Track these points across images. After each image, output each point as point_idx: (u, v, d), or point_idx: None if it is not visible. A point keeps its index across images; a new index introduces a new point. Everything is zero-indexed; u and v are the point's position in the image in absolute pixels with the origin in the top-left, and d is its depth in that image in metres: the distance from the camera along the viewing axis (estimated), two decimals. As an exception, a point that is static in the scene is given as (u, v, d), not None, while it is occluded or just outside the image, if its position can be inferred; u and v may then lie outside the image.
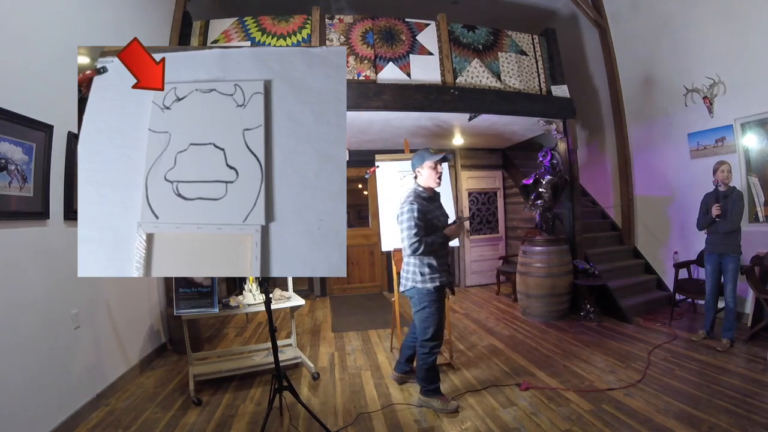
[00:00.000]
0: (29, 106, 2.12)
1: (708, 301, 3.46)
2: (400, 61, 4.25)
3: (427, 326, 2.47)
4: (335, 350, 3.71)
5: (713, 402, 2.40)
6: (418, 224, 2.33)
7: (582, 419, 2.31)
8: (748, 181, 3.83)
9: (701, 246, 3.56)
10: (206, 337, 4.09)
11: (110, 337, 2.87)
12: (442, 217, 2.55)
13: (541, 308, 4.38)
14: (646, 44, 4.81)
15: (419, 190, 2.49)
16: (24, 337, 2.06)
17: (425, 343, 2.50)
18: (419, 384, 2.59)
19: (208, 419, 2.46)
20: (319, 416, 2.31)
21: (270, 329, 2.23)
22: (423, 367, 2.54)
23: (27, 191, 2.14)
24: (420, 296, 2.45)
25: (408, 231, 2.34)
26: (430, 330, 2.46)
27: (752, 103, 3.74)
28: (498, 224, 6.76)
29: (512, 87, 4.54)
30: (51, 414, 2.20)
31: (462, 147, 6.40)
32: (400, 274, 2.60)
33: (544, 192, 4.56)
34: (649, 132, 4.93)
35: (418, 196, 2.44)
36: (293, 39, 4.18)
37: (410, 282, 2.48)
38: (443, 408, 2.48)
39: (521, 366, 3.16)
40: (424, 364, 2.53)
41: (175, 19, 4.08)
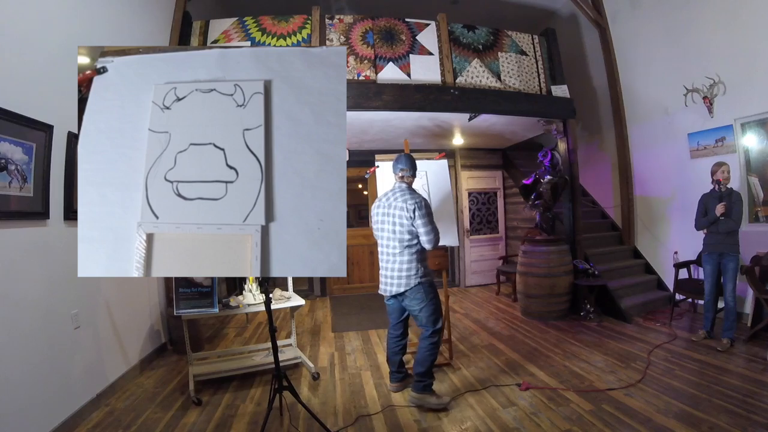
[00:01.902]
0: (29, 106, 2.12)
1: (708, 301, 3.46)
2: (400, 61, 4.25)
3: (436, 317, 2.55)
4: (335, 350, 3.71)
5: (713, 402, 2.40)
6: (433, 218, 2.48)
7: (582, 419, 2.31)
8: (748, 181, 3.83)
9: (701, 246, 3.56)
10: (206, 337, 4.09)
11: (110, 337, 2.87)
12: None
13: (541, 308, 4.38)
14: (646, 44, 4.81)
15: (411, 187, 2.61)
16: (24, 337, 2.06)
17: (435, 333, 2.55)
18: (419, 379, 2.56)
19: (208, 419, 2.46)
20: (319, 416, 2.31)
21: (270, 329, 2.23)
22: (430, 359, 2.55)
23: (27, 191, 2.14)
24: (426, 290, 2.51)
25: (431, 225, 2.44)
26: (439, 320, 2.57)
27: (752, 103, 3.74)
28: (498, 224, 6.76)
29: (512, 87, 4.54)
30: (51, 414, 2.20)
31: (462, 147, 6.40)
32: (388, 276, 2.55)
33: (544, 192, 4.56)
34: (649, 132, 4.93)
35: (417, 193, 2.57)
36: (293, 39, 4.18)
37: (413, 279, 2.48)
38: (439, 403, 2.51)
39: (521, 366, 3.16)
40: (431, 355, 2.55)
41: (175, 19, 4.08)
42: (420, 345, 2.60)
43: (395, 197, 2.52)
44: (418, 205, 2.42)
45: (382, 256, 2.62)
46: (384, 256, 2.59)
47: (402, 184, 2.57)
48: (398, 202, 2.48)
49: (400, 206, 2.46)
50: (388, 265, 2.56)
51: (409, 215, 2.42)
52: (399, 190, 2.54)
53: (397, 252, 2.49)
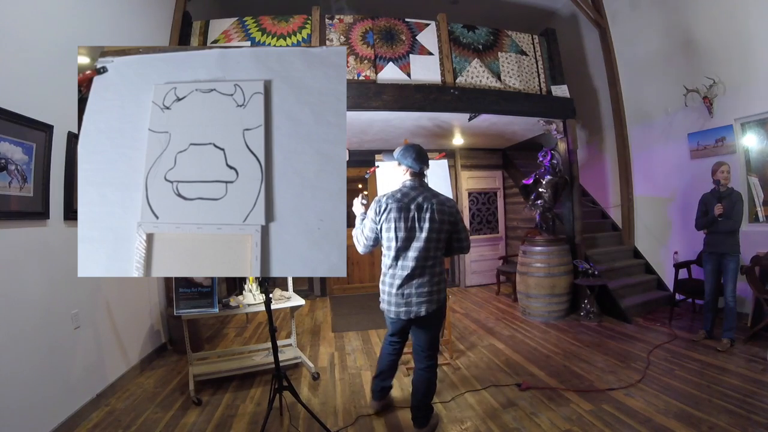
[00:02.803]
0: (29, 106, 2.12)
1: (708, 301, 3.46)
2: (400, 61, 4.25)
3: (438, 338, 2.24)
4: (335, 350, 3.71)
5: (713, 402, 2.40)
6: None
7: (582, 419, 2.31)
8: (748, 181, 3.83)
9: (701, 246, 3.57)
10: (206, 337, 4.09)
11: (110, 337, 2.87)
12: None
13: (541, 308, 4.38)
14: (646, 44, 4.81)
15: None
16: (24, 337, 2.06)
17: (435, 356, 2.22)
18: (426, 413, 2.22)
19: (208, 419, 2.46)
20: (319, 416, 2.31)
21: (270, 329, 2.23)
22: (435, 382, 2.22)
23: (27, 191, 2.14)
24: (444, 308, 2.21)
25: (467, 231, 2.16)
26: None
27: (752, 103, 3.74)
28: (498, 224, 6.76)
29: (512, 87, 4.54)
30: (51, 414, 2.20)
31: (462, 147, 6.40)
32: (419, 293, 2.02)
33: (544, 192, 4.56)
34: (649, 132, 4.93)
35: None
36: (293, 39, 4.19)
37: (443, 293, 2.11)
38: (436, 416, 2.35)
39: (521, 366, 3.16)
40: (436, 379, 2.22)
41: (175, 19, 4.08)
42: (427, 375, 2.17)
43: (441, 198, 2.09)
44: (454, 209, 2.11)
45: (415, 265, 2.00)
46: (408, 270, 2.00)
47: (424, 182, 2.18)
48: (446, 204, 2.08)
49: (447, 210, 2.06)
50: (423, 279, 2.01)
51: (453, 219, 2.08)
52: (427, 189, 2.13)
53: (437, 262, 2.06)
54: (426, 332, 2.13)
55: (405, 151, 2.14)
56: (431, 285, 2.03)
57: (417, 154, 2.12)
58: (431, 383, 2.18)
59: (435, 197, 2.07)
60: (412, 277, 2.01)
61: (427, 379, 2.17)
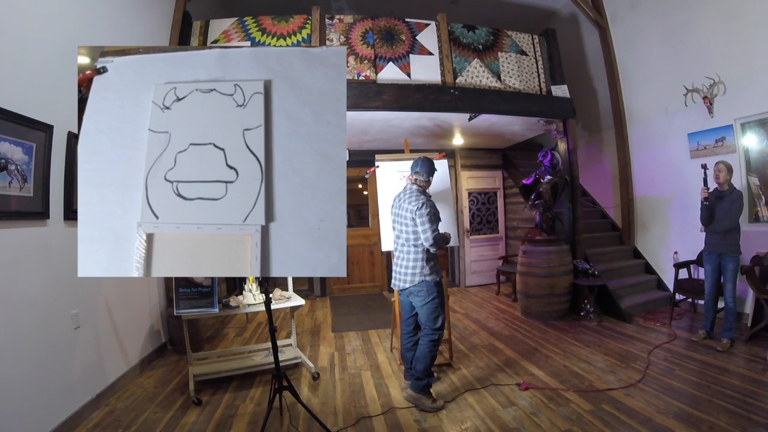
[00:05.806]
0: (29, 106, 2.12)
1: (708, 301, 3.46)
2: (400, 61, 4.25)
3: (436, 315, 2.58)
4: (335, 350, 3.71)
5: (713, 402, 2.40)
6: (437, 219, 2.55)
7: (582, 419, 2.31)
8: (748, 181, 3.83)
9: (701, 246, 3.57)
10: (206, 337, 4.09)
11: (110, 337, 2.87)
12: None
13: (541, 308, 4.38)
14: (646, 44, 4.81)
15: (421, 189, 2.64)
16: (24, 337, 2.06)
17: (436, 331, 2.59)
18: (419, 377, 2.58)
19: (208, 419, 2.46)
20: (319, 416, 2.31)
21: (270, 329, 2.23)
22: (429, 356, 2.58)
23: (27, 191, 2.14)
24: (428, 288, 2.56)
25: (430, 224, 2.48)
26: (439, 318, 2.60)
27: (752, 103, 3.74)
28: (498, 224, 6.76)
29: (512, 87, 4.54)
30: (51, 414, 2.20)
31: (462, 147, 6.39)
32: (397, 272, 2.67)
33: (544, 192, 4.56)
34: (649, 132, 4.93)
35: (427, 195, 2.63)
36: (293, 39, 4.18)
37: (417, 276, 2.55)
38: (433, 407, 2.51)
39: (521, 366, 3.16)
40: (430, 353, 2.59)
41: (175, 19, 4.08)
42: (420, 342, 2.66)
43: (405, 198, 2.61)
44: (419, 206, 2.50)
45: (395, 252, 2.76)
46: (396, 253, 2.73)
47: (413, 186, 2.64)
48: (405, 203, 2.59)
49: (406, 207, 2.57)
50: (397, 261, 2.69)
51: (412, 216, 2.51)
52: (409, 191, 2.63)
53: (404, 250, 2.62)
54: (415, 306, 2.66)
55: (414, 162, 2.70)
56: (399, 267, 2.65)
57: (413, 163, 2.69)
58: (422, 350, 2.61)
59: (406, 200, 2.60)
60: (396, 259, 2.73)
61: (420, 345, 2.65)
